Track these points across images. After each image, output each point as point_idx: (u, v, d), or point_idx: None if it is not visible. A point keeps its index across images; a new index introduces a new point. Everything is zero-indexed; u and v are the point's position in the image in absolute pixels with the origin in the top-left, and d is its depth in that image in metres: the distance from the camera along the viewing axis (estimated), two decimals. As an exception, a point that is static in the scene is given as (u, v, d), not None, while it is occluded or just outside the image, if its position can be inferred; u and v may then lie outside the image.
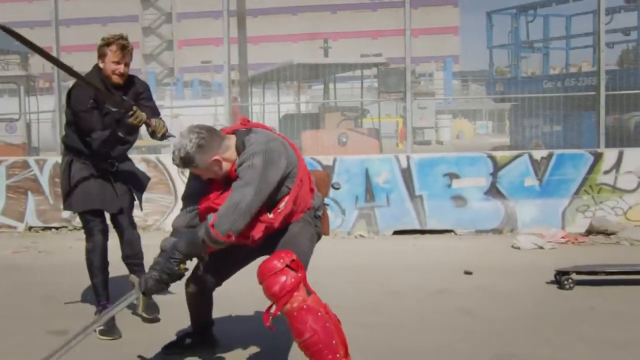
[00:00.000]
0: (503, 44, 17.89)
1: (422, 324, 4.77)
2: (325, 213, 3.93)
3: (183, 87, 36.62)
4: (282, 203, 3.59)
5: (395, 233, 8.55)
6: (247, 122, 3.75)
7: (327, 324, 3.46)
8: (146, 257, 5.24)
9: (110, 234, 4.92)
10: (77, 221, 8.60)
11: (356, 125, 13.42)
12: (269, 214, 3.58)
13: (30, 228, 9.23)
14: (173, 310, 4.71)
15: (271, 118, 14.41)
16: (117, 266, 5.09)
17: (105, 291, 4.83)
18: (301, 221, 3.72)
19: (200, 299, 4.07)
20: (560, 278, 5.74)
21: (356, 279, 6.16)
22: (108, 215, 4.92)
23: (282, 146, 3.62)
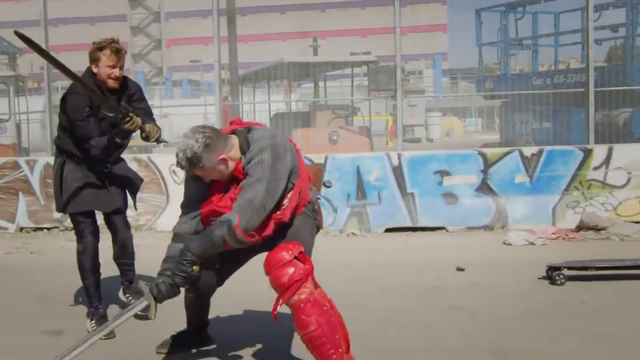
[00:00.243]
0: (492, 42, 17.94)
1: (415, 321, 4.79)
2: (319, 207, 3.95)
3: (172, 87, 36.56)
4: (286, 199, 3.59)
5: (387, 231, 8.57)
6: (242, 122, 3.76)
7: (332, 319, 3.49)
8: (138, 257, 5.26)
9: (101, 235, 4.91)
10: (69, 222, 8.53)
11: (347, 123, 13.42)
12: (277, 210, 3.57)
13: (21, 229, 9.20)
14: (167, 310, 4.70)
15: (262, 117, 14.39)
16: (110, 267, 5.09)
17: (97, 292, 4.82)
18: (302, 215, 3.74)
19: (200, 301, 4.06)
20: (551, 274, 5.78)
21: (348, 277, 6.17)
22: (101, 216, 4.92)
23: (286, 141, 3.64)
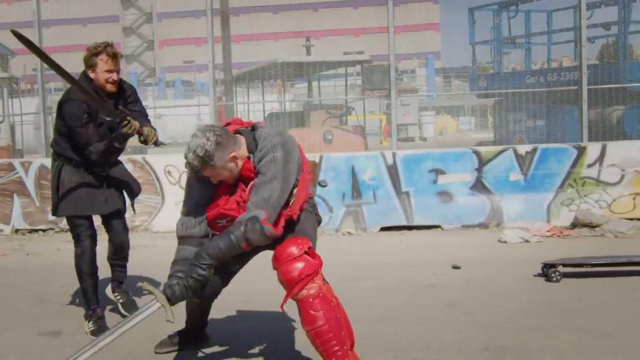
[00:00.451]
0: (485, 40, 17.98)
1: (411, 319, 4.80)
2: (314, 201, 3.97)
3: (165, 87, 36.53)
4: (292, 196, 3.60)
5: (382, 229, 8.59)
6: (242, 121, 3.76)
7: (338, 315, 3.50)
8: (134, 258, 5.26)
9: (98, 237, 4.91)
10: (64, 223, 8.55)
11: (341, 123, 13.45)
12: (285, 207, 3.58)
13: (16, 231, 9.19)
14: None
15: (256, 117, 14.40)
16: (106, 268, 5.09)
17: (95, 295, 4.83)
18: (305, 210, 3.75)
19: (205, 303, 4.04)
20: (547, 271, 5.80)
21: (344, 276, 6.15)
22: (98, 217, 4.92)
23: (292, 137, 3.67)
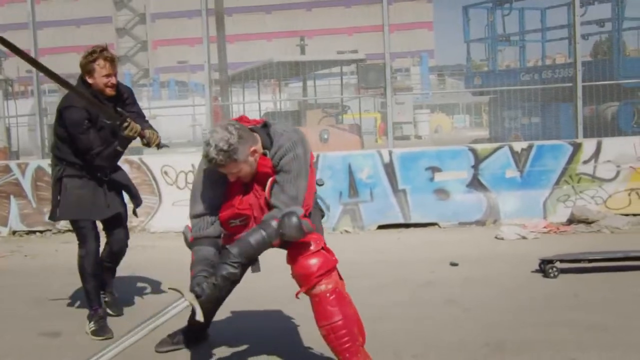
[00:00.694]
0: (480, 38, 18.02)
1: (410, 317, 4.82)
2: None
3: (160, 88, 36.48)
4: None
5: (379, 227, 8.61)
6: (248, 119, 3.76)
7: (351, 312, 3.54)
8: (132, 258, 5.28)
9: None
10: (62, 224, 8.59)
11: (337, 121, 13.48)
12: None
13: (14, 232, 9.17)
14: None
15: (252, 117, 14.34)
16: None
17: (97, 296, 4.84)
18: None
19: (214, 304, 4.03)
20: (544, 267, 5.83)
21: (343, 274, 6.17)
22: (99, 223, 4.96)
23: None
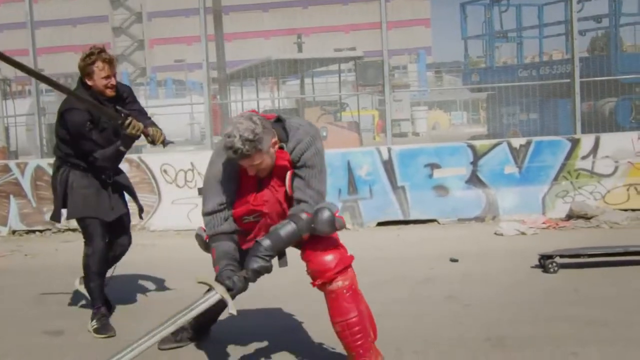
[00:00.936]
0: (477, 35, 18.02)
1: (411, 313, 4.83)
2: None
3: (157, 87, 36.48)
4: None
5: (379, 224, 8.62)
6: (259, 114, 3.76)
7: (364, 308, 3.59)
8: (131, 257, 5.29)
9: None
10: (61, 224, 8.57)
11: (335, 119, 13.48)
12: None
13: (14, 232, 9.17)
14: (168, 308, 4.73)
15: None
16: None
17: (101, 295, 4.86)
18: None
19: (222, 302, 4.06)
20: (544, 262, 5.85)
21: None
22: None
23: None
